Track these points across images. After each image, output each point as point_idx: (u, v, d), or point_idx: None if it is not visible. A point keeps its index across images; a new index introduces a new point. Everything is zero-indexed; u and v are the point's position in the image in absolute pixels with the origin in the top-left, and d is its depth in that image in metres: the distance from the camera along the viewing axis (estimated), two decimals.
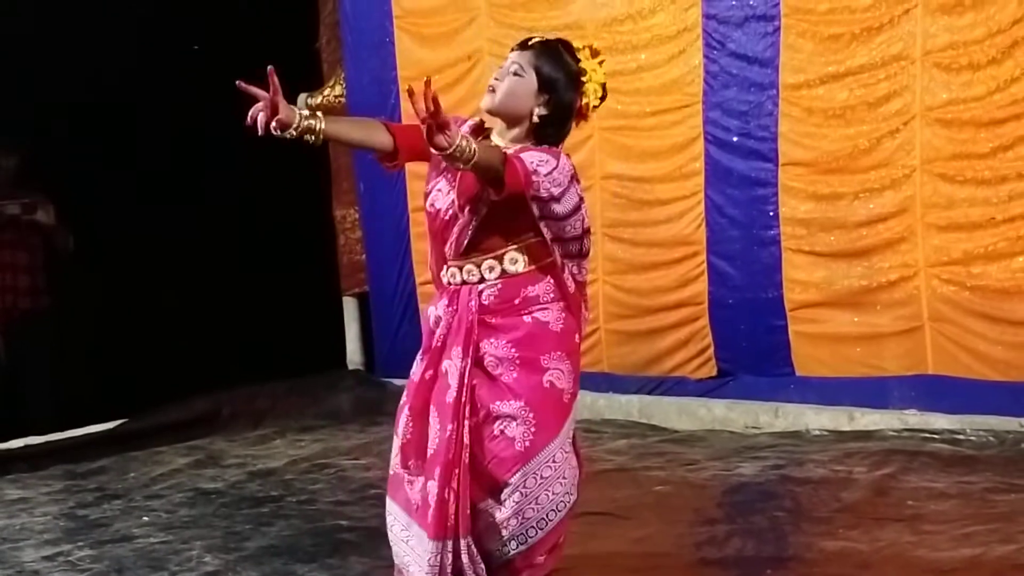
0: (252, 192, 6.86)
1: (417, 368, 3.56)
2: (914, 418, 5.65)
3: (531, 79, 3.51)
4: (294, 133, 3.30)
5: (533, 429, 3.39)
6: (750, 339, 6.08)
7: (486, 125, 3.60)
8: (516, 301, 3.46)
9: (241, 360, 6.86)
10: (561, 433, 3.46)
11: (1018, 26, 5.26)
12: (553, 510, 3.45)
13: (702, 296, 6.16)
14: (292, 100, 4.00)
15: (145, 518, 4.80)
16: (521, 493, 3.40)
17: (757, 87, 5.88)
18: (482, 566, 3.43)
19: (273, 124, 3.28)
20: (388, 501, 3.59)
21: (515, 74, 3.51)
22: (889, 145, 5.60)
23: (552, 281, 3.50)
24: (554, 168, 3.39)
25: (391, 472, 3.58)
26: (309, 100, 7.26)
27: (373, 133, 3.49)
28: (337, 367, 7.60)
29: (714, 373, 6.22)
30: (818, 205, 5.80)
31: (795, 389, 6.00)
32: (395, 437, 3.58)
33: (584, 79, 3.60)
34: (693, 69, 6.04)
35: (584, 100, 3.59)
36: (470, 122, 3.60)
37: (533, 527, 3.44)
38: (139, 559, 4.23)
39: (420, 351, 3.59)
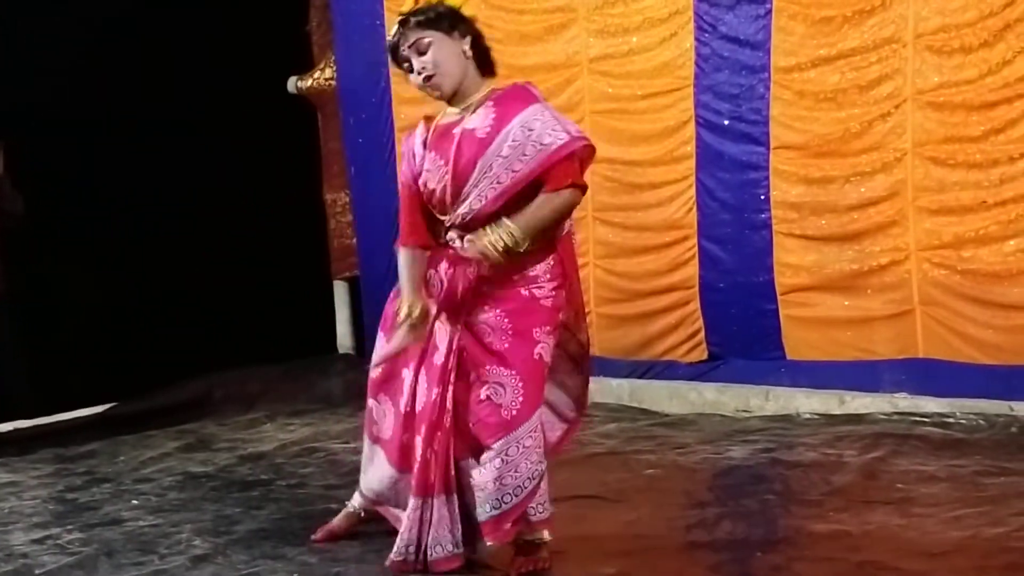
0: (243, 175, 6.84)
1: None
2: (904, 401, 5.66)
3: (438, 36, 3.59)
4: None
5: (520, 398, 3.51)
6: (741, 323, 6.08)
7: (432, 114, 3.73)
8: (515, 277, 3.56)
9: (231, 344, 6.85)
10: (542, 404, 3.61)
11: (1010, 9, 5.25)
12: (530, 478, 3.57)
13: (693, 280, 6.16)
14: (283, 83, 4.04)
15: (135, 501, 4.78)
16: (503, 460, 3.52)
17: (748, 70, 5.87)
18: (459, 525, 3.58)
19: None
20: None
21: (428, 47, 3.58)
22: (880, 128, 5.59)
23: (553, 260, 3.58)
24: (563, 119, 3.62)
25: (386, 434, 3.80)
26: (299, 83, 7.24)
27: (420, 263, 3.66)
28: (327, 351, 7.61)
29: (705, 357, 6.22)
30: (809, 189, 5.79)
31: (786, 373, 6.00)
32: (391, 403, 3.76)
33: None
34: (684, 52, 6.03)
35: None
36: (419, 136, 3.70)
37: (509, 494, 3.56)
38: (128, 542, 4.21)
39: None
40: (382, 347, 3.85)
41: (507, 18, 6.50)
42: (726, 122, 5.97)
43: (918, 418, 5.48)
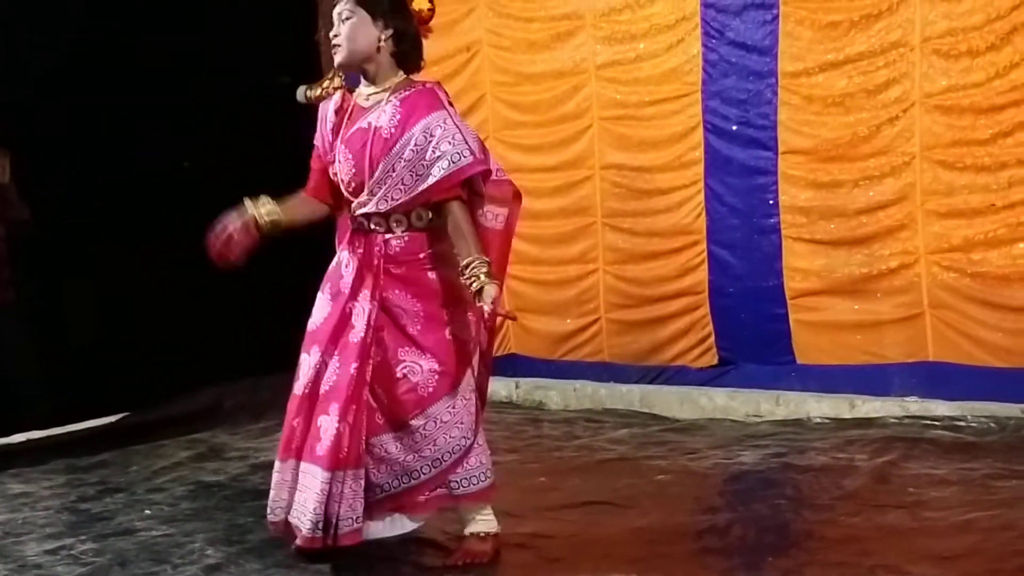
0: (252, 185, 6.84)
1: (323, 312, 3.81)
2: (915, 405, 5.66)
3: (362, 15, 3.76)
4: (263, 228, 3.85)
5: (436, 377, 3.68)
6: (751, 327, 6.08)
7: (348, 89, 3.96)
8: (421, 255, 3.75)
9: (242, 352, 6.85)
10: (463, 382, 3.74)
11: (1017, 12, 5.26)
12: (449, 452, 3.74)
13: (702, 285, 6.16)
14: (292, 92, 4.13)
15: (147, 511, 4.79)
16: (421, 434, 3.71)
17: (756, 75, 5.88)
18: (362, 499, 3.73)
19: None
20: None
21: (346, 20, 3.78)
22: (888, 132, 5.60)
23: (447, 243, 3.71)
24: (466, 131, 3.71)
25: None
26: (308, 93, 7.22)
27: (312, 209, 3.99)
28: None
29: (715, 362, 6.22)
30: (818, 193, 5.80)
31: (796, 377, 6.00)
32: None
33: None
34: (692, 58, 6.03)
35: (417, 8, 3.84)
36: (333, 104, 3.99)
37: (428, 465, 3.76)
38: (141, 552, 4.23)
39: (326, 292, 3.85)
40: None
41: (515, 26, 6.53)
42: (734, 127, 5.97)
43: (929, 421, 5.48)
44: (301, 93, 7.64)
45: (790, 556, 3.88)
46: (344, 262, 3.82)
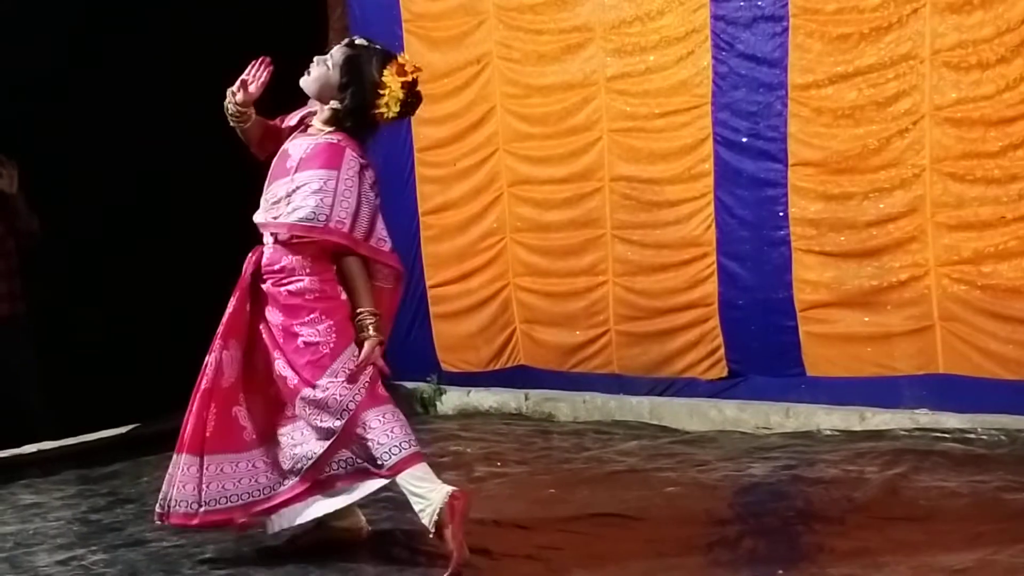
0: (257, 190, 6.85)
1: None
2: (925, 417, 5.65)
3: (335, 74, 4.09)
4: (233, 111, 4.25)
5: (297, 378, 4.08)
6: (760, 340, 6.07)
7: (311, 109, 4.26)
8: (276, 267, 4.15)
9: None
10: (322, 378, 4.05)
11: None
12: (324, 434, 4.04)
13: (712, 297, 6.16)
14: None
15: (158, 522, 4.80)
16: (297, 420, 4.10)
17: (766, 88, 5.89)
18: (194, 485, 4.11)
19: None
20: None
21: (326, 64, 4.13)
22: (899, 144, 5.60)
23: (308, 257, 4.11)
24: (342, 197, 4.09)
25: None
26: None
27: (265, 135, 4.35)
28: None
29: (725, 374, 6.21)
30: (828, 205, 5.80)
31: (806, 389, 5.99)
32: None
33: (381, 91, 4.08)
34: (702, 70, 6.04)
35: (379, 110, 4.11)
36: (299, 114, 4.29)
37: (317, 444, 4.07)
38: (152, 563, 4.24)
39: None
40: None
41: (525, 38, 6.53)
42: (744, 139, 5.98)
43: (939, 434, 5.47)
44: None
45: (800, 568, 3.88)
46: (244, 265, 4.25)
